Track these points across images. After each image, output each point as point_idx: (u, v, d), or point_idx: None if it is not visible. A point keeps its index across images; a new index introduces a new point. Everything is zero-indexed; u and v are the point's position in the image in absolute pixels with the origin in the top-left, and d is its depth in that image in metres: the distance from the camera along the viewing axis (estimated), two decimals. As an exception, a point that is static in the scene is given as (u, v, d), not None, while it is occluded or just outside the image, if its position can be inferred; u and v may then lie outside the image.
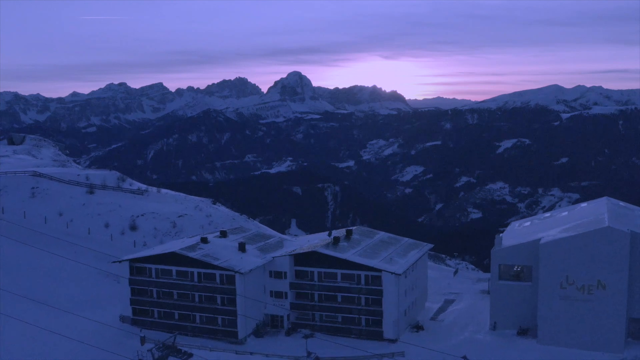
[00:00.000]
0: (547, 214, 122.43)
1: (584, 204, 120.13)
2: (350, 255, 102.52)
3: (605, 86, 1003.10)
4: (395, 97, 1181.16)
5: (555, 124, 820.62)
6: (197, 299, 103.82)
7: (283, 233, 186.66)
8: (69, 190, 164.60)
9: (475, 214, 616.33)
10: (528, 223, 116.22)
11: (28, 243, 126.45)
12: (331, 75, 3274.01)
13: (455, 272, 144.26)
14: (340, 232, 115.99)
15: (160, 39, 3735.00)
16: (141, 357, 72.38)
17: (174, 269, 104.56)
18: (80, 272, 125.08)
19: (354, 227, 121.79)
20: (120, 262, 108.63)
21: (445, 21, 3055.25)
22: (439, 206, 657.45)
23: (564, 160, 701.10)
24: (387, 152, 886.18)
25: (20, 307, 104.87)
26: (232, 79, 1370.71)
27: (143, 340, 79.14)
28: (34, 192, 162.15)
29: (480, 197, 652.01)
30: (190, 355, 71.75)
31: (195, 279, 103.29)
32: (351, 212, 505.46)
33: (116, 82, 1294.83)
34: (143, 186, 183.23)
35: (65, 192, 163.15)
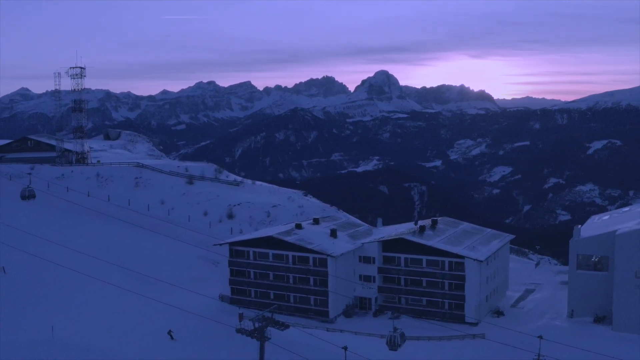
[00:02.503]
0: (626, 208, 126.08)
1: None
2: (435, 242, 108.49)
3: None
4: (483, 96, 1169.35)
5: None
6: (291, 280, 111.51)
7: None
8: (170, 181, 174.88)
9: (564, 216, 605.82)
10: (607, 216, 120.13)
11: (141, 226, 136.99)
12: (418, 75, 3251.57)
13: (537, 265, 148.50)
14: (426, 222, 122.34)
15: (248, 38, 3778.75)
16: (243, 326, 79.65)
17: (270, 252, 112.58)
18: (181, 255, 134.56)
19: (439, 218, 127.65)
20: (221, 245, 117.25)
21: (534, 20, 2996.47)
22: (527, 208, 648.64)
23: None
24: (475, 152, 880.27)
25: (127, 282, 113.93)
26: (319, 77, 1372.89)
27: (241, 317, 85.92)
28: (137, 181, 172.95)
29: (570, 199, 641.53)
30: (287, 326, 78.60)
31: (290, 261, 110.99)
32: (438, 212, 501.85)
33: (205, 81, 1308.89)
34: (239, 178, 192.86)
35: (166, 182, 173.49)
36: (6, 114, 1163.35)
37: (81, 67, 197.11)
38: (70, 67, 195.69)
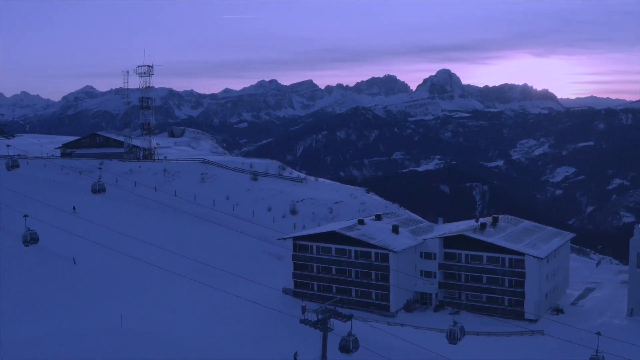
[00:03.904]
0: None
1: None
2: (495, 239, 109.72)
3: None
4: (546, 95, 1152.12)
5: None
6: (353, 275, 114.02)
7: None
8: (235, 177, 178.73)
9: (628, 218, 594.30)
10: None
11: (208, 220, 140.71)
12: (480, 73, 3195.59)
13: (598, 264, 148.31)
14: (487, 219, 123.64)
15: (310, 38, 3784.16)
16: (307, 317, 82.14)
17: (333, 246, 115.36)
18: (245, 249, 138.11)
19: (500, 215, 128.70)
20: (285, 239, 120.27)
21: (599, 18, 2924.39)
22: (590, 209, 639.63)
23: None
24: (538, 152, 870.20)
25: (194, 273, 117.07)
26: (380, 76, 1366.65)
27: (304, 310, 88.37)
28: (203, 177, 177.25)
29: (634, 200, 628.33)
30: (350, 318, 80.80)
31: (353, 256, 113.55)
32: (499, 212, 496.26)
33: (267, 79, 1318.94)
34: (302, 175, 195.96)
35: (231, 178, 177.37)
36: (71, 111, 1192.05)
37: (149, 66, 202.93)
38: (139, 66, 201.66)
